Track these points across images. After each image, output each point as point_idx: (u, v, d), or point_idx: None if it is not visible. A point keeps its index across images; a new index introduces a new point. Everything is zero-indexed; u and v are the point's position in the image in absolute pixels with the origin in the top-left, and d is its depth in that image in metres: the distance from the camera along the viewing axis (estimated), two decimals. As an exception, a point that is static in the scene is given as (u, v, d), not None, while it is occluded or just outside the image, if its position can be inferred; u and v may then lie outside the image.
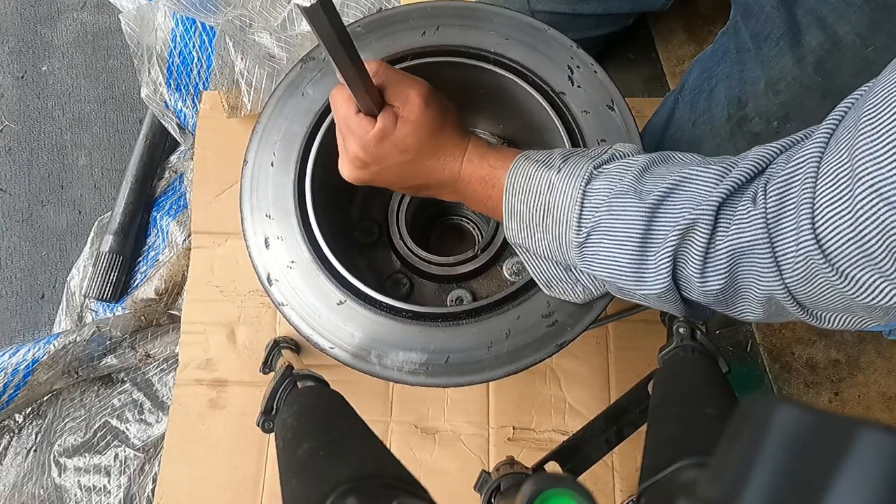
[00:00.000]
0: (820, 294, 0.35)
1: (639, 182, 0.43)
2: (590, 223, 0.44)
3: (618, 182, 0.44)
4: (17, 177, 1.14)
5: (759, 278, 0.38)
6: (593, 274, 0.46)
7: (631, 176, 0.44)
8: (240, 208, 0.59)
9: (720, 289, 0.40)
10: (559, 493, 0.26)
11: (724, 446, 0.18)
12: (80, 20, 1.21)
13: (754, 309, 0.41)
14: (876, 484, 0.15)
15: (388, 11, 0.62)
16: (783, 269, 0.36)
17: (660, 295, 0.42)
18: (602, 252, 0.44)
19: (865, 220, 0.30)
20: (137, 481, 0.93)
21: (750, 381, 0.95)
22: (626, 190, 0.43)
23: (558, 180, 0.46)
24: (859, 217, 0.31)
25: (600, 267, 0.45)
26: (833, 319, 0.38)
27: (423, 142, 0.49)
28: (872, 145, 0.30)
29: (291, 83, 0.61)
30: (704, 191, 0.40)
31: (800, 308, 0.38)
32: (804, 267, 0.35)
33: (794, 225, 0.34)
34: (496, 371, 0.54)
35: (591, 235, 0.44)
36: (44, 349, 0.91)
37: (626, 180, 0.44)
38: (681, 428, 0.47)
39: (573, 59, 0.60)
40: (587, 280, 0.51)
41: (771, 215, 0.36)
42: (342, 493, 0.35)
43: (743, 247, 0.37)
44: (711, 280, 0.39)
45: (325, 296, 0.56)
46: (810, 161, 0.34)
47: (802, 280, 0.35)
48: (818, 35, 0.56)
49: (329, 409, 0.55)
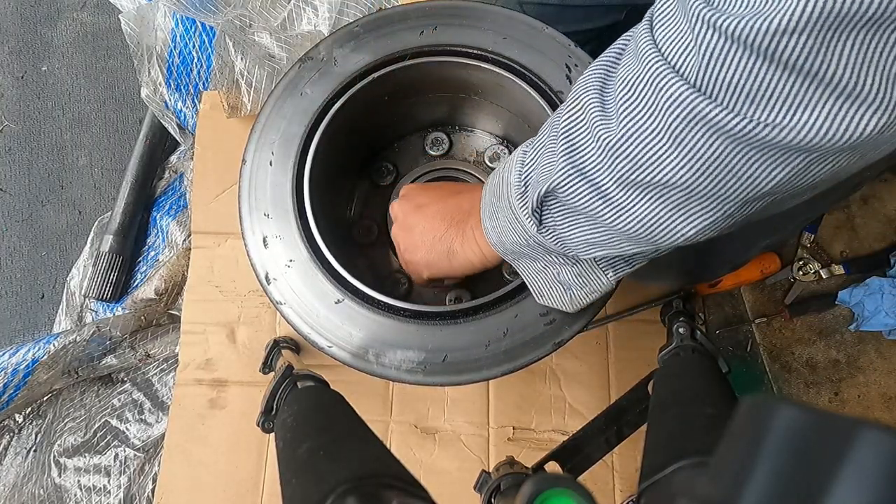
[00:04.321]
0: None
1: (556, 114, 0.43)
2: (525, 170, 0.45)
3: (552, 127, 0.44)
4: (17, 177, 1.14)
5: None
6: (537, 194, 0.44)
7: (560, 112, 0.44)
8: (238, 207, 0.59)
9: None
10: (559, 493, 0.26)
11: (724, 446, 0.18)
12: (80, 20, 1.21)
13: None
14: (876, 484, 0.15)
15: (386, 11, 0.62)
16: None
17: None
18: (538, 167, 0.44)
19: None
20: (137, 481, 0.93)
21: (750, 381, 0.95)
22: (552, 122, 0.44)
23: (505, 161, 0.48)
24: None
25: (541, 183, 0.43)
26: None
27: (427, 191, 0.57)
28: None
29: (290, 83, 0.61)
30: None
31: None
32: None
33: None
34: (494, 370, 0.54)
35: (529, 174, 0.44)
36: (44, 349, 0.91)
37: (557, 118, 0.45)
38: (681, 428, 0.47)
39: (571, 57, 0.59)
40: (577, 283, 0.50)
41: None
42: (342, 493, 0.35)
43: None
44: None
45: (323, 295, 0.56)
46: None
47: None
48: None
49: (329, 409, 0.55)
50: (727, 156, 0.33)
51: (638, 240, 0.40)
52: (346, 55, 0.61)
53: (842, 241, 0.99)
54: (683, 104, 0.33)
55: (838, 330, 0.96)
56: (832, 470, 0.15)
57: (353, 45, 0.61)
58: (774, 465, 0.16)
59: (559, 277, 0.49)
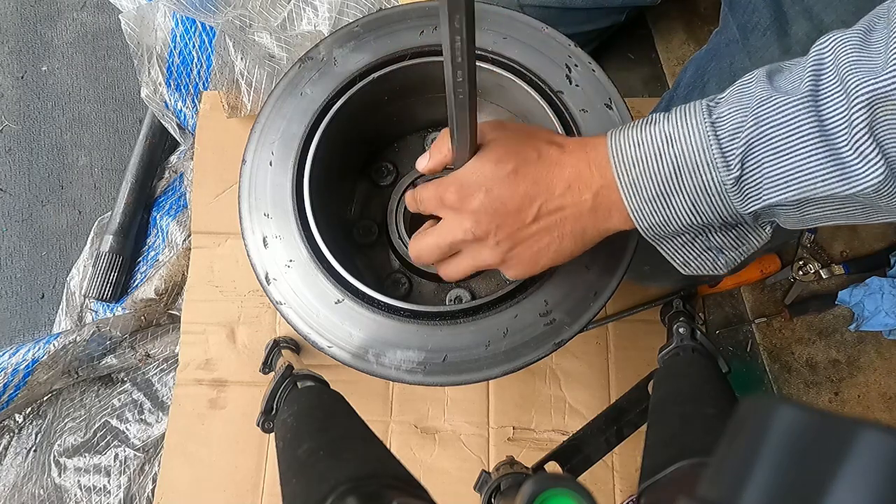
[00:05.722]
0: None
1: (773, 86, 0.37)
2: (738, 151, 0.37)
3: (747, 97, 0.38)
4: (17, 177, 1.14)
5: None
6: (772, 203, 0.38)
7: (758, 86, 0.38)
8: (238, 207, 0.59)
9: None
10: (559, 493, 0.26)
11: (724, 446, 0.18)
12: (80, 20, 1.21)
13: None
14: (876, 484, 0.15)
15: (386, 11, 0.62)
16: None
17: (879, 184, 0.34)
18: (776, 171, 0.37)
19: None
20: (137, 481, 0.93)
21: (750, 381, 0.95)
22: (764, 97, 0.37)
23: (673, 129, 0.39)
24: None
25: (784, 190, 0.37)
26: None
27: (516, 145, 0.44)
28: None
29: (290, 83, 0.61)
30: (862, 57, 0.34)
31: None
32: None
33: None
34: (494, 370, 0.54)
35: (748, 162, 0.37)
36: (44, 349, 0.91)
37: (756, 90, 0.37)
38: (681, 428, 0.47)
39: (571, 57, 0.59)
40: (732, 244, 0.44)
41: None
42: (342, 493, 0.35)
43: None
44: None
45: (323, 295, 0.56)
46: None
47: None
48: (804, 24, 0.56)
49: (329, 409, 0.55)
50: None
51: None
52: (347, 55, 0.61)
53: (842, 240, 0.99)
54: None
55: (838, 330, 0.96)
56: (832, 470, 0.15)
57: (354, 45, 0.61)
58: (774, 465, 0.16)
59: (709, 244, 0.44)
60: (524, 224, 0.44)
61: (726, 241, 0.44)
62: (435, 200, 0.46)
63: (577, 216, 0.44)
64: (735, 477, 0.17)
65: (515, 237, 0.45)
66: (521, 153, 0.44)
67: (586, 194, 0.43)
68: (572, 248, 0.46)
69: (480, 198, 0.44)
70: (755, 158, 0.37)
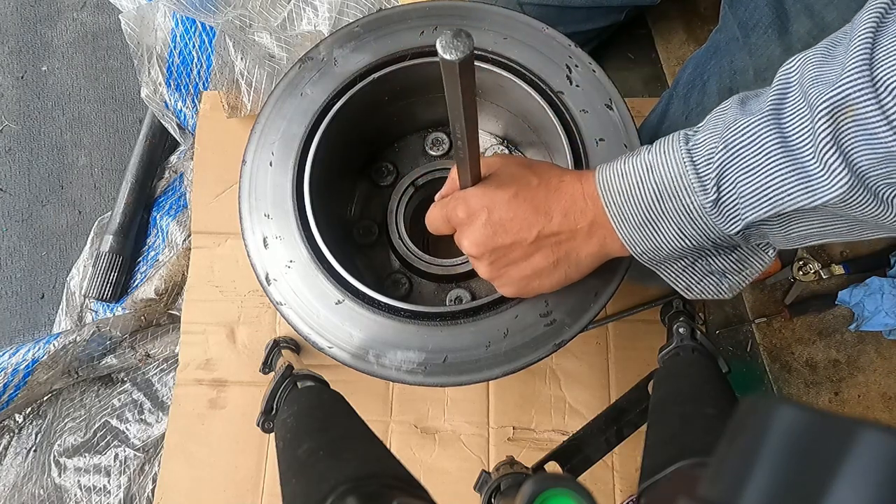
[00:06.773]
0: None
1: (743, 110, 0.39)
2: (713, 174, 0.39)
3: (721, 122, 0.39)
4: (17, 177, 1.14)
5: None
6: (751, 221, 0.39)
7: (731, 111, 0.39)
8: (238, 208, 0.59)
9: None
10: (559, 493, 0.26)
11: (724, 446, 0.18)
12: (80, 20, 1.21)
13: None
14: (876, 484, 0.15)
15: (386, 11, 0.62)
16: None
17: (845, 194, 0.34)
18: (748, 189, 0.38)
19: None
20: (137, 481, 0.93)
21: (750, 381, 0.95)
22: (733, 120, 0.38)
23: (654, 158, 0.42)
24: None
25: (757, 207, 0.38)
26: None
27: (518, 172, 0.47)
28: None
29: (290, 83, 0.61)
30: (824, 70, 0.35)
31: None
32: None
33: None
34: (494, 370, 0.54)
35: (723, 183, 0.39)
36: (44, 349, 0.91)
37: (727, 116, 0.39)
38: (681, 428, 0.47)
39: (571, 58, 0.60)
40: (735, 268, 0.45)
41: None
42: (342, 493, 0.35)
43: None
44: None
45: (323, 295, 0.56)
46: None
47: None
48: (806, 22, 0.56)
49: (329, 409, 0.55)
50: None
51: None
52: (347, 55, 0.61)
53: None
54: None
55: (838, 330, 0.96)
56: (832, 470, 0.15)
57: (354, 45, 0.61)
58: (774, 465, 0.16)
59: (710, 268, 0.46)
60: (521, 246, 0.47)
61: (728, 264, 0.45)
62: (441, 220, 0.50)
63: (573, 242, 0.46)
64: (735, 477, 0.17)
65: (509, 257, 0.48)
66: (522, 179, 0.47)
67: (582, 222, 0.46)
68: (566, 272, 0.48)
69: (483, 218, 0.46)
70: (729, 179, 0.39)
